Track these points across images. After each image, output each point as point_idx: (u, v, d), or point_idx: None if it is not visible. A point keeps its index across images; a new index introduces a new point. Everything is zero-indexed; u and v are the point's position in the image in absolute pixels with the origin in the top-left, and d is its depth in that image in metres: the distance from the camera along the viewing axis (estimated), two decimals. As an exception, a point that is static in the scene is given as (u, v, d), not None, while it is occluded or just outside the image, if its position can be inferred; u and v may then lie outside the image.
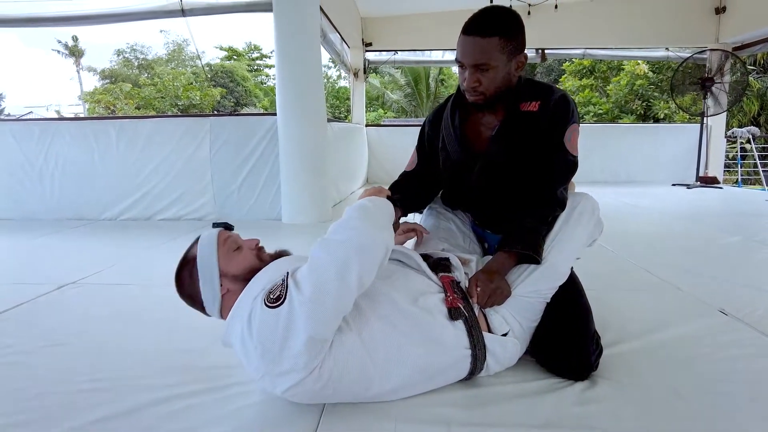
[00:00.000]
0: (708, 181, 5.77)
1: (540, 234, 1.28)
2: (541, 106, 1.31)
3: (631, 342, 1.42)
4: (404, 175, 1.60)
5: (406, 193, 1.51)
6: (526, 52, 1.29)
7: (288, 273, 1.02)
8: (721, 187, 5.59)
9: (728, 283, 2.01)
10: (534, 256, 1.24)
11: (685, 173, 6.25)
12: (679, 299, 1.83)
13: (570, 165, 1.33)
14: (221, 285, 1.12)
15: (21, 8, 4.33)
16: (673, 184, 5.88)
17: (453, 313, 1.13)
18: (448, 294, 1.17)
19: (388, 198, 1.25)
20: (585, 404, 1.09)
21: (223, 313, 1.12)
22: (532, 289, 1.24)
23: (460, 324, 1.13)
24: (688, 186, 5.64)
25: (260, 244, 1.21)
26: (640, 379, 1.21)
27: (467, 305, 1.17)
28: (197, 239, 1.19)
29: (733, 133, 7.94)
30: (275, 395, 1.07)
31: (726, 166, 7.12)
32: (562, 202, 1.32)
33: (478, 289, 1.20)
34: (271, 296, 0.99)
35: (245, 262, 1.14)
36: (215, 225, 1.21)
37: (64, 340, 1.54)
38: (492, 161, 1.38)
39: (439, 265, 1.29)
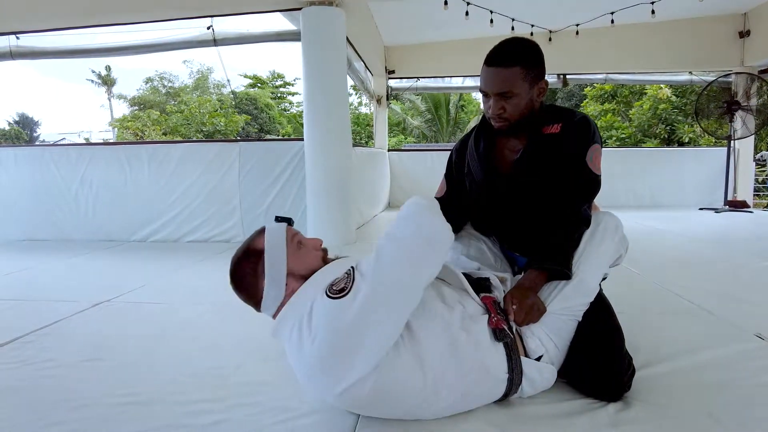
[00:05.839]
0: (737, 205, 5.64)
1: (568, 250, 1.30)
2: (563, 127, 1.37)
3: (663, 364, 1.40)
4: (439, 199, 1.65)
5: None
6: (546, 78, 1.36)
7: (353, 266, 1.01)
8: (751, 212, 5.45)
9: (763, 308, 1.96)
10: (565, 272, 1.25)
11: (711, 197, 6.13)
12: (711, 323, 1.79)
13: (593, 183, 1.36)
14: (286, 284, 1.07)
15: (62, 41, 4.57)
16: (701, 208, 5.77)
17: (498, 335, 1.11)
18: (492, 315, 1.16)
19: None
20: (619, 425, 1.08)
21: (278, 312, 1.08)
22: (564, 306, 1.24)
23: (500, 347, 1.12)
24: (717, 210, 5.52)
25: (323, 246, 1.18)
26: (675, 402, 1.18)
27: (509, 327, 1.16)
28: (261, 231, 1.13)
29: (762, 156, 7.78)
30: (325, 401, 1.10)
31: (756, 190, 6.95)
32: (586, 219, 1.35)
33: (515, 306, 1.20)
34: (334, 288, 0.97)
35: (311, 262, 1.10)
36: (278, 219, 1.15)
37: (102, 355, 1.59)
38: (517, 183, 1.42)
39: (480, 285, 1.29)
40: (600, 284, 1.42)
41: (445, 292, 1.19)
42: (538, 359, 1.19)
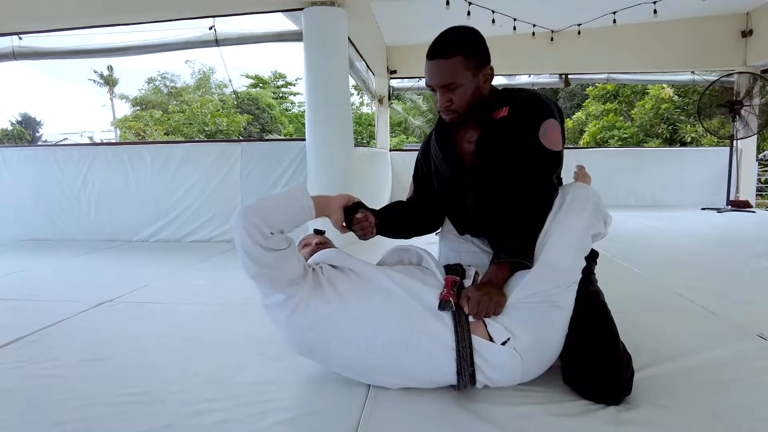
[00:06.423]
0: (740, 205, 5.63)
1: (528, 236, 1.26)
2: (510, 109, 1.35)
3: (665, 365, 1.39)
4: (405, 200, 1.64)
5: (389, 213, 1.53)
6: (491, 64, 1.34)
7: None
8: (753, 212, 5.44)
9: (765, 308, 1.96)
10: (523, 262, 1.22)
11: (714, 197, 6.12)
12: (713, 323, 1.79)
13: (548, 160, 1.32)
14: None
15: (64, 41, 4.59)
16: (703, 208, 5.76)
17: (442, 305, 1.18)
18: (445, 290, 1.22)
19: (357, 203, 1.40)
20: (621, 425, 1.08)
21: None
22: (530, 292, 1.20)
23: (447, 320, 1.17)
24: (719, 210, 5.51)
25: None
26: (677, 402, 1.18)
27: (457, 303, 1.20)
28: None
29: (765, 156, 7.76)
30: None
31: (759, 190, 6.93)
32: (547, 197, 1.32)
33: (468, 300, 1.20)
34: None
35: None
36: (316, 231, 1.53)
37: (105, 355, 1.59)
38: (479, 173, 1.40)
39: (451, 270, 1.34)
40: (594, 274, 1.39)
41: (411, 271, 1.32)
42: (504, 344, 1.16)
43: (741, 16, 5.91)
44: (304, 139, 3.65)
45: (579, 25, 5.81)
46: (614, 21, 5.40)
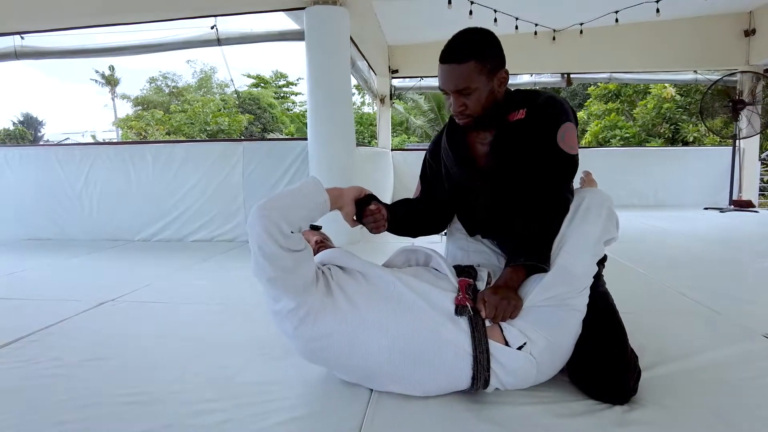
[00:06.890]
0: (742, 205, 5.61)
1: (544, 240, 1.24)
2: (528, 112, 1.33)
3: (670, 365, 1.38)
4: (410, 198, 1.63)
5: (398, 210, 1.50)
6: (506, 68, 1.32)
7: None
8: (756, 211, 5.42)
9: (769, 308, 1.95)
10: (540, 266, 1.21)
11: (716, 197, 6.10)
12: (718, 323, 1.78)
13: (567, 163, 1.31)
14: None
15: (66, 41, 4.59)
16: (706, 208, 5.74)
17: (459, 310, 1.16)
18: (460, 294, 1.20)
19: (369, 195, 1.36)
20: (625, 426, 1.07)
21: None
22: (547, 296, 1.18)
23: (464, 325, 1.14)
24: (722, 210, 5.49)
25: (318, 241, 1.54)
26: (682, 402, 1.17)
27: (474, 308, 1.18)
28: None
29: None
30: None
31: (761, 189, 6.89)
32: (564, 201, 1.30)
33: (486, 304, 1.17)
34: None
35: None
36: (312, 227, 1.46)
37: (106, 354, 1.59)
38: (493, 175, 1.39)
39: (463, 272, 1.32)
40: (602, 276, 1.38)
41: (421, 273, 1.28)
42: (521, 349, 1.15)
43: (744, 15, 5.89)
44: (305, 139, 3.65)
45: (581, 24, 5.80)
46: (616, 20, 5.39)
